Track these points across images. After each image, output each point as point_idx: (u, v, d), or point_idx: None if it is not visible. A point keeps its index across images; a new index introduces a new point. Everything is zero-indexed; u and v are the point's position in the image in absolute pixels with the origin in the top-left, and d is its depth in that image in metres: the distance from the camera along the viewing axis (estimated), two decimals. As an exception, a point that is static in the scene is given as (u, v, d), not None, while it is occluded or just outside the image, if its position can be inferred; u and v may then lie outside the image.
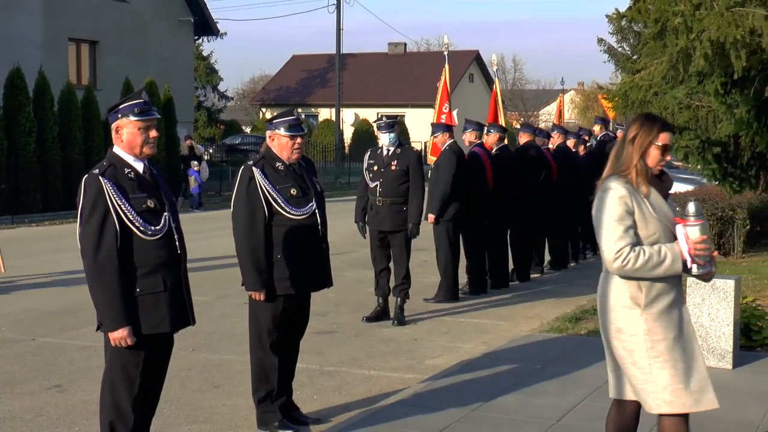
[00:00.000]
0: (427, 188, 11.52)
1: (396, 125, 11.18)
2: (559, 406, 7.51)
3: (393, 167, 10.81)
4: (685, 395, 4.89)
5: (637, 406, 5.09)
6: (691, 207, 4.88)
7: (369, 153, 11.26)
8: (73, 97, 25.31)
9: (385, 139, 10.98)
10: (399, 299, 10.90)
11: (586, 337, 10.05)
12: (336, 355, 9.39)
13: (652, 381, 4.89)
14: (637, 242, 4.82)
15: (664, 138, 4.91)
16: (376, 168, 10.96)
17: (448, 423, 7.02)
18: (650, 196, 4.91)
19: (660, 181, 4.99)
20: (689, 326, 5.04)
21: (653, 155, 4.90)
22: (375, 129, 11.41)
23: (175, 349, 6.00)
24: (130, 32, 31.89)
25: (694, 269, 4.86)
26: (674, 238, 4.90)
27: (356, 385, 8.35)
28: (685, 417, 4.99)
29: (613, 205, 4.85)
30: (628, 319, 4.93)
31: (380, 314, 11.00)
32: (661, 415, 4.95)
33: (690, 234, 4.83)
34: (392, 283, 10.96)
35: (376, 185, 10.89)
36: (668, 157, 4.96)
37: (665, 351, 4.87)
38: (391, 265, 11.00)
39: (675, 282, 4.98)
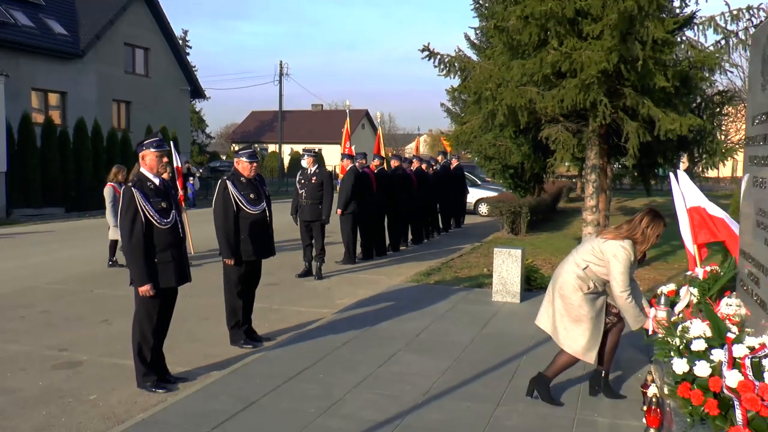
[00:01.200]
0: (336, 194, 11.63)
1: (315, 155, 11.29)
2: (417, 327, 7.64)
3: (313, 181, 10.87)
4: (585, 351, 5.16)
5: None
6: (663, 300, 5.32)
7: (300, 172, 11.21)
8: (115, 137, 25.26)
9: (304, 162, 11.06)
10: (318, 263, 10.88)
11: (434, 285, 10.19)
12: (279, 299, 9.36)
13: (571, 333, 5.17)
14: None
15: (662, 231, 5.21)
16: (303, 181, 10.96)
17: (349, 339, 7.12)
18: (636, 260, 5.20)
19: (643, 255, 5.34)
20: (603, 314, 5.23)
21: (652, 241, 5.18)
22: (302, 156, 11.42)
23: (179, 296, 5.99)
24: (150, 95, 31.56)
25: (655, 336, 5.11)
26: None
27: (292, 317, 8.35)
28: (576, 359, 5.26)
29: (627, 258, 5.08)
30: (573, 294, 5.16)
31: (306, 273, 10.95)
32: (563, 351, 5.27)
33: (658, 315, 5.17)
34: (314, 253, 10.97)
35: (303, 192, 10.91)
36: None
37: (585, 321, 5.13)
38: (313, 242, 11.03)
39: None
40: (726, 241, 6.48)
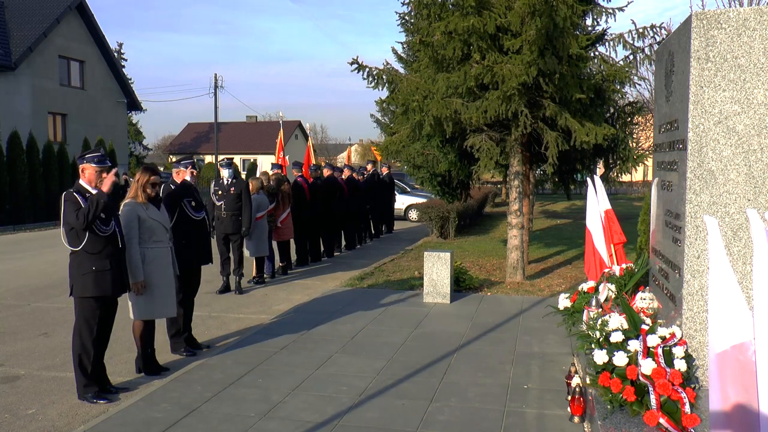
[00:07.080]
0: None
1: (232, 163, 10.53)
2: (352, 330, 7.67)
3: (232, 191, 10.20)
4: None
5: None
6: (594, 302, 5.55)
7: (214, 183, 10.49)
8: (51, 149, 24.24)
9: (225, 173, 10.32)
10: (237, 277, 10.25)
11: (367, 289, 10.23)
12: (218, 306, 9.23)
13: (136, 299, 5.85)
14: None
15: (154, 179, 5.99)
16: (221, 192, 10.26)
17: (287, 343, 7.09)
18: (149, 208, 5.93)
19: (158, 199, 6.07)
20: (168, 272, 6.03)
21: (148, 189, 5.95)
22: (219, 166, 10.55)
23: (118, 306, 5.83)
24: (87, 108, 30.82)
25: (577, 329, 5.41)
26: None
27: (231, 323, 8.25)
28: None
29: (128, 213, 5.84)
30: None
31: (226, 288, 10.19)
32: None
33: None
34: (233, 267, 10.28)
35: (222, 203, 10.21)
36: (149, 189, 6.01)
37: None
38: (231, 255, 10.31)
39: (165, 245, 5.97)
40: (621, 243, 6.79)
